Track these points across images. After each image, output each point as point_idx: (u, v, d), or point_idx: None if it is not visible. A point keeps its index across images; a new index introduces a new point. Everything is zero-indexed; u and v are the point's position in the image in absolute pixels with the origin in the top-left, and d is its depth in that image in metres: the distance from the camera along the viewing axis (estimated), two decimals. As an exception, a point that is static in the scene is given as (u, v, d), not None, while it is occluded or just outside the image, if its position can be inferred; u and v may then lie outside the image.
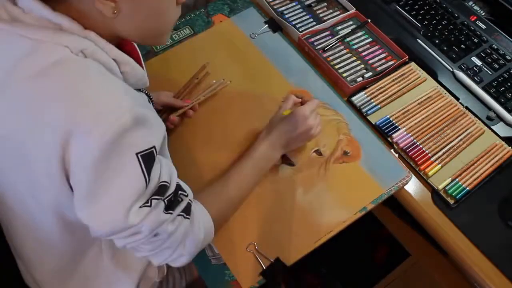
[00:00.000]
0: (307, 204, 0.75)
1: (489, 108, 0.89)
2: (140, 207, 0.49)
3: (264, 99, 0.88)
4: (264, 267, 0.69)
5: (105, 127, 0.45)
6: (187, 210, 0.57)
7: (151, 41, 0.60)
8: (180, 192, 0.56)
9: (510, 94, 0.90)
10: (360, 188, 0.77)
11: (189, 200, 0.58)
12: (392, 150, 0.82)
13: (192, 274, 0.84)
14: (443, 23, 1.01)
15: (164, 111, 0.81)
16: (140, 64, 0.61)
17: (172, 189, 0.54)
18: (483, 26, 1.01)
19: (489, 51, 0.97)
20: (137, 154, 0.48)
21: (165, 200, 0.53)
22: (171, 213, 0.54)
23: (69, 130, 0.45)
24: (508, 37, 0.99)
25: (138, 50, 0.64)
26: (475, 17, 1.02)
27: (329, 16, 1.01)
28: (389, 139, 0.83)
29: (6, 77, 0.48)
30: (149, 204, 0.50)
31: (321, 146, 0.82)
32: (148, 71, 0.60)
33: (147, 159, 0.49)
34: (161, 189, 0.52)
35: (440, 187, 0.78)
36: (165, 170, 0.53)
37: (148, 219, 0.50)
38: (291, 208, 0.75)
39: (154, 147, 0.50)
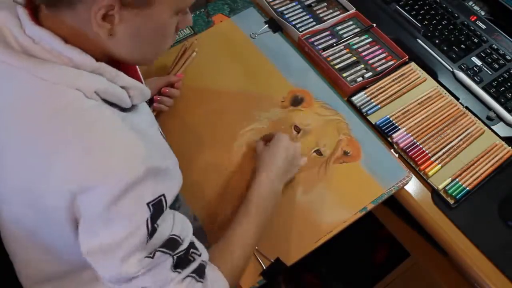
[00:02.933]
0: (307, 204, 0.75)
1: (489, 108, 0.89)
2: (142, 258, 0.47)
3: (264, 99, 0.88)
4: (264, 267, 0.69)
5: (115, 181, 0.45)
6: (200, 272, 0.52)
7: (140, 63, 0.59)
8: (192, 250, 0.52)
9: (510, 94, 0.90)
10: (360, 188, 0.77)
11: (202, 260, 0.54)
12: (392, 150, 0.82)
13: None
14: (443, 23, 1.01)
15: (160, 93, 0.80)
16: (137, 74, 0.60)
17: (184, 246, 0.51)
18: (483, 26, 1.01)
19: (489, 51, 0.97)
20: (148, 204, 0.47)
21: (174, 256, 0.50)
22: (179, 272, 0.50)
23: (78, 182, 0.45)
24: (508, 37, 0.99)
25: None
26: (475, 17, 1.02)
27: (329, 16, 1.01)
28: (389, 139, 0.83)
29: (19, 115, 0.47)
30: (151, 256, 0.48)
31: (321, 146, 0.82)
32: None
33: (156, 208, 0.48)
34: (170, 243, 0.49)
35: (440, 187, 0.78)
36: (178, 224, 0.51)
37: (150, 273, 0.48)
38: (291, 208, 0.75)
39: (163, 195, 0.48)
